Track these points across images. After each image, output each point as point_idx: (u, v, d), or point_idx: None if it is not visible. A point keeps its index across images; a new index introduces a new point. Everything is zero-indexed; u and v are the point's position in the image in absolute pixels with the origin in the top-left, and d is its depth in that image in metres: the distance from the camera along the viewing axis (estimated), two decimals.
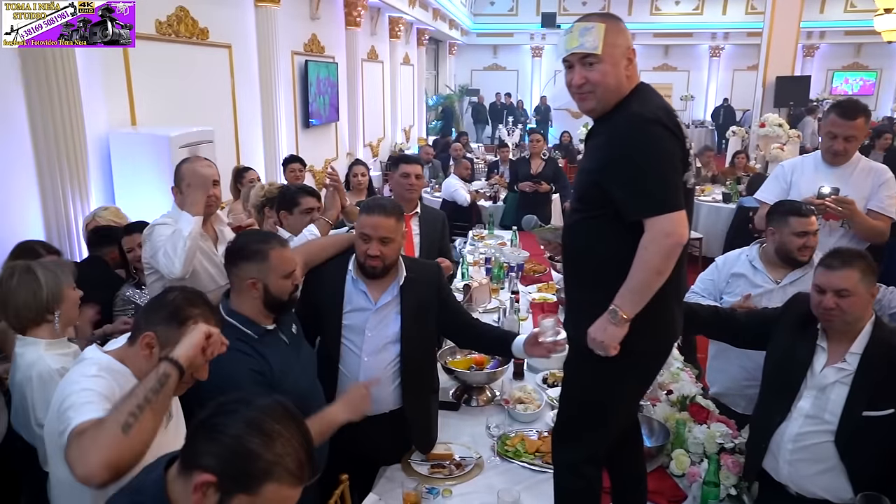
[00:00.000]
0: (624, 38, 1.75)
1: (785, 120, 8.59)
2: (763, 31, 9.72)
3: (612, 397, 1.83)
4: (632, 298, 1.68)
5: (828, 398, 1.96)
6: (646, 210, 1.66)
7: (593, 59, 1.72)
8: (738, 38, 17.81)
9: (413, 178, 3.46)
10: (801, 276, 2.63)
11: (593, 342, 1.72)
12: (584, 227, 1.81)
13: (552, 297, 4.07)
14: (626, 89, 1.75)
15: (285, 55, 6.71)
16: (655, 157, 1.66)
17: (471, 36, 18.68)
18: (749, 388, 2.68)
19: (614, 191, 1.70)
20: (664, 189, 1.66)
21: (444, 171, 8.81)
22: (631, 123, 1.69)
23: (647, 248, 1.65)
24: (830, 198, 2.85)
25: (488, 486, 2.21)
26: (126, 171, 3.99)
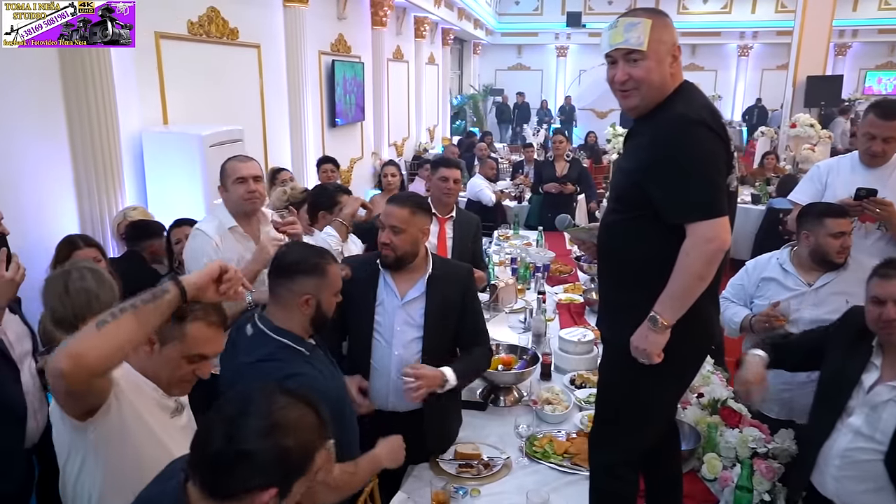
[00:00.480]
0: (670, 35, 1.71)
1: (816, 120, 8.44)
2: (794, 29, 9.55)
3: (649, 401, 1.82)
4: (672, 305, 1.67)
5: (880, 417, 1.90)
6: (688, 214, 1.63)
7: (638, 55, 1.69)
8: (768, 37, 17.52)
9: (451, 183, 3.49)
10: (834, 278, 2.58)
11: (636, 350, 1.71)
12: (622, 228, 1.79)
13: (579, 297, 4.06)
14: (669, 88, 1.72)
15: (312, 55, 6.76)
16: (699, 159, 1.63)
17: (495, 35, 18.63)
18: (784, 393, 2.64)
19: (655, 193, 1.67)
20: (707, 193, 1.63)
21: (469, 170, 8.80)
22: (675, 124, 1.66)
23: (689, 254, 1.63)
24: (868, 199, 2.79)
25: (517, 487, 2.21)
26: (158, 169, 4.05)
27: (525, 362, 2.88)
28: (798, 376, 2.57)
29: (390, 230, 2.34)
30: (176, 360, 1.60)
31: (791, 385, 2.61)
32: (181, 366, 1.61)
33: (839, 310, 2.51)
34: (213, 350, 1.66)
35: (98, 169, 3.51)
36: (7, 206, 3.11)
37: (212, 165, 3.96)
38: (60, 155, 3.48)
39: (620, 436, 1.86)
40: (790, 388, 2.61)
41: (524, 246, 5.30)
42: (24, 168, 3.26)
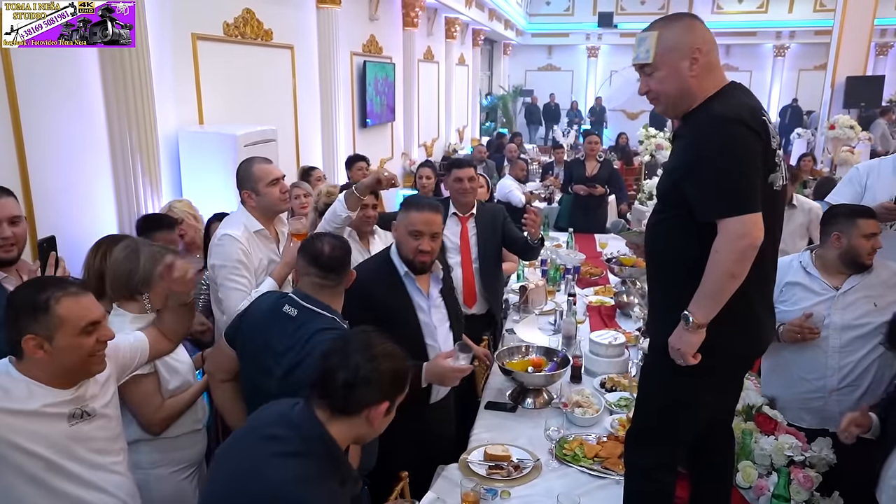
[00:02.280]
0: (686, 39, 1.70)
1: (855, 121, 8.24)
2: (833, 28, 9.34)
3: (687, 405, 1.80)
4: (704, 303, 1.65)
5: None
6: (718, 211, 1.62)
7: (649, 68, 1.74)
8: (805, 37, 17.13)
9: (466, 182, 3.48)
10: (860, 281, 2.50)
11: (673, 351, 1.71)
12: (664, 228, 1.80)
13: (609, 300, 4.02)
14: (699, 90, 1.72)
15: (344, 56, 6.81)
16: (731, 156, 1.62)
17: (525, 36, 18.56)
18: (815, 402, 2.57)
19: (689, 191, 1.68)
20: (738, 190, 1.62)
21: (499, 171, 8.78)
22: (709, 123, 1.66)
23: (719, 251, 1.62)
24: None
25: (547, 490, 2.20)
26: (194, 167, 4.11)
27: (555, 364, 2.86)
28: (829, 384, 2.52)
29: (430, 238, 2.41)
30: (73, 341, 1.63)
31: (823, 393, 2.54)
32: (81, 343, 1.64)
33: (868, 313, 2.47)
34: (96, 314, 1.69)
35: (136, 167, 3.58)
36: (48, 205, 3.21)
37: None
38: (100, 154, 3.56)
39: (657, 438, 1.85)
40: (822, 395, 2.54)
41: (554, 247, 5.26)
42: (64, 167, 3.34)
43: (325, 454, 1.48)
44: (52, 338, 1.61)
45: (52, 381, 1.66)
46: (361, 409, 1.49)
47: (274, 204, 2.74)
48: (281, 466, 1.42)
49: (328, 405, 1.49)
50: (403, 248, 2.44)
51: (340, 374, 1.48)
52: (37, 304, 1.60)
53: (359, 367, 1.48)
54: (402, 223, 2.44)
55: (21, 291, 1.70)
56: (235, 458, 1.51)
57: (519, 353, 2.98)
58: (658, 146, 5.97)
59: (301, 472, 1.42)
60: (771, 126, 1.70)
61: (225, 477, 1.50)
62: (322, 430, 1.48)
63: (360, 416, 1.50)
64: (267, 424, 1.53)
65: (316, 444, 1.47)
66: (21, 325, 1.61)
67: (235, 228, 2.69)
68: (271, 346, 2.04)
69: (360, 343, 1.54)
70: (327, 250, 2.07)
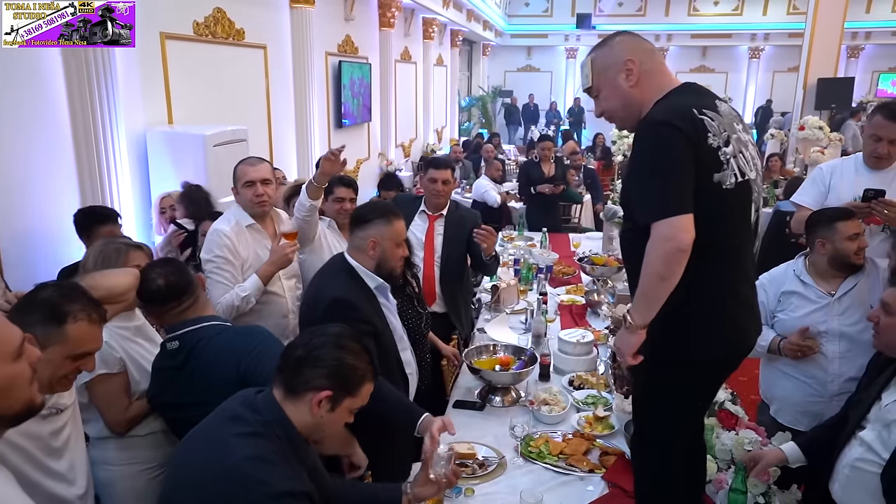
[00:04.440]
0: (615, 56, 1.76)
1: (826, 123, 8.36)
2: (805, 31, 9.48)
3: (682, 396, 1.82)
4: (638, 305, 1.67)
5: (890, 434, 1.87)
6: (648, 215, 1.61)
7: (593, 91, 1.82)
8: (779, 39, 17.41)
9: (440, 184, 3.47)
10: (855, 284, 2.52)
11: (616, 350, 1.76)
12: (629, 236, 1.81)
13: (580, 299, 4.04)
14: (641, 99, 1.74)
15: (319, 56, 6.79)
16: (657, 160, 1.62)
17: (505, 37, 18.63)
18: (813, 406, 2.57)
19: (627, 198, 1.76)
20: (664, 192, 1.60)
21: (476, 172, 8.80)
22: (641, 129, 1.71)
23: (649, 254, 1.61)
24: (877, 200, 2.75)
25: (511, 487, 2.20)
26: (162, 168, 4.08)
27: (523, 363, 2.87)
28: (829, 389, 2.54)
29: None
30: (58, 360, 1.55)
31: (822, 398, 2.56)
32: (64, 365, 1.57)
33: (865, 316, 2.47)
34: (96, 346, 1.64)
35: (101, 167, 3.54)
36: (11, 203, 3.16)
37: (215, 165, 4.01)
38: (64, 153, 3.52)
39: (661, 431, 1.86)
40: (822, 400, 2.56)
41: (528, 247, 5.29)
42: (27, 166, 3.30)
43: (284, 436, 1.51)
44: (46, 349, 1.51)
45: None
46: (306, 390, 1.52)
47: (245, 205, 2.85)
48: (241, 445, 1.46)
49: (283, 382, 1.54)
50: (390, 259, 2.38)
51: (298, 351, 1.54)
52: (57, 312, 1.54)
53: (315, 348, 1.53)
54: (385, 234, 2.36)
55: (52, 290, 1.61)
56: (200, 438, 1.54)
57: (487, 351, 2.99)
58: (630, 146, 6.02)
59: (259, 452, 1.46)
60: (714, 123, 1.64)
61: (189, 455, 1.54)
62: (280, 412, 1.52)
63: (304, 400, 1.52)
64: (232, 407, 1.56)
65: (274, 427, 1.50)
66: (28, 319, 1.52)
67: (225, 223, 2.83)
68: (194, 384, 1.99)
69: (333, 332, 1.59)
70: (163, 283, 2.02)
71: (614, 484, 2.22)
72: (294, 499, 1.47)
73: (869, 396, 2.00)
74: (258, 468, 1.43)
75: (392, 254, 2.37)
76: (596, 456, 2.38)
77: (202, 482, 1.45)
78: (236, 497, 1.41)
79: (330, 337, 1.57)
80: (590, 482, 2.25)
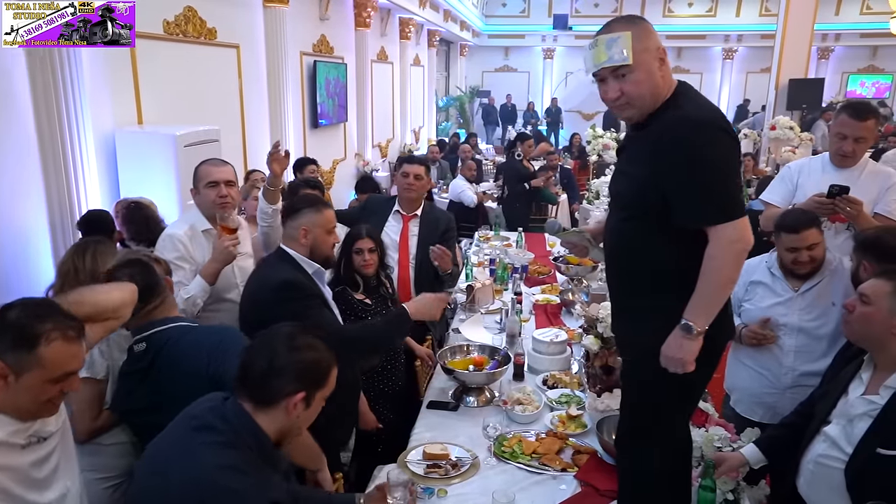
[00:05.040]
0: (653, 40, 1.68)
1: (797, 123, 8.49)
2: (776, 33, 9.62)
3: (689, 392, 1.85)
4: (705, 311, 1.66)
5: (853, 428, 1.90)
6: (712, 218, 1.63)
7: (625, 69, 1.66)
8: (752, 41, 17.67)
9: (411, 178, 3.45)
10: (818, 282, 2.56)
11: (668, 360, 1.70)
12: (636, 234, 1.77)
13: (555, 298, 4.05)
14: (663, 91, 1.69)
15: (294, 56, 6.73)
16: (720, 163, 1.63)
17: (482, 37, 18.66)
18: (768, 397, 2.65)
19: (675, 199, 1.66)
20: (729, 195, 1.64)
21: (453, 172, 8.80)
22: (690, 128, 1.63)
23: (716, 258, 1.63)
24: (841, 197, 2.79)
25: (484, 487, 2.19)
26: (132, 168, 4.01)
27: (497, 363, 2.87)
28: (783, 381, 2.61)
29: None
30: (38, 386, 1.45)
31: (776, 390, 2.63)
32: (46, 389, 1.47)
33: (826, 314, 2.52)
34: (78, 364, 1.53)
35: (68, 168, 3.47)
36: None
37: (187, 165, 3.93)
38: (29, 154, 3.44)
39: (660, 430, 1.86)
40: (776, 392, 2.63)
41: (504, 247, 5.30)
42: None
43: (256, 446, 1.51)
44: (21, 375, 1.43)
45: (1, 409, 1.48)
46: (280, 399, 1.52)
47: (207, 205, 2.76)
48: (211, 455, 1.44)
49: (249, 396, 1.53)
50: (322, 246, 2.45)
51: (258, 364, 1.52)
52: (26, 335, 1.42)
53: (275, 357, 1.52)
54: (315, 222, 2.43)
55: (19, 310, 1.46)
56: (167, 448, 1.50)
57: (461, 352, 2.99)
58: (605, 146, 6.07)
59: (231, 462, 1.45)
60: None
61: (156, 464, 1.49)
62: (252, 423, 1.51)
63: (279, 407, 1.53)
64: (199, 416, 1.53)
65: (246, 437, 1.50)
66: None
67: (179, 228, 2.75)
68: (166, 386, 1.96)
69: (283, 335, 1.57)
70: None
71: (587, 483, 2.23)
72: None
73: (836, 390, 2.03)
74: (230, 478, 1.43)
75: (323, 240, 2.45)
76: (569, 455, 2.39)
77: (171, 491, 1.42)
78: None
79: (282, 342, 1.55)
80: (562, 481, 2.26)
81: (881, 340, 1.88)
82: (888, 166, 3.24)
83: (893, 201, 2.89)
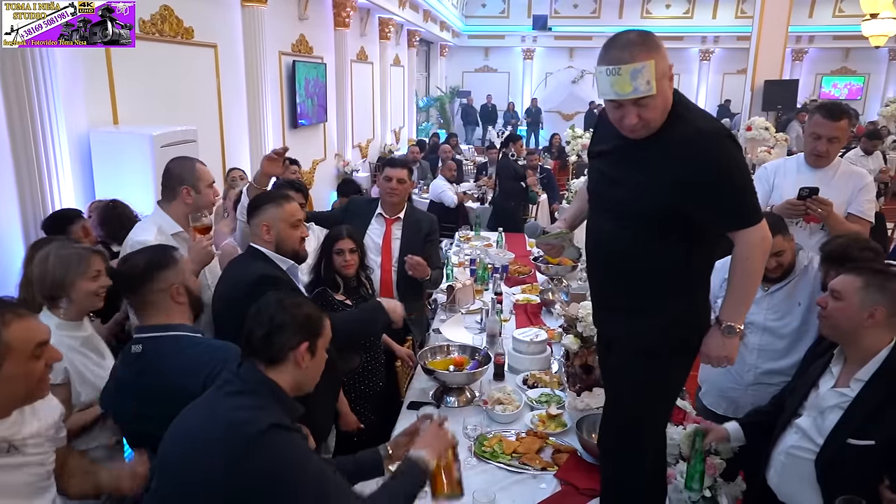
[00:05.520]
0: (667, 62, 1.66)
1: (772, 123, 8.62)
2: (752, 35, 9.76)
3: (675, 388, 1.96)
4: (741, 309, 1.80)
5: (824, 420, 1.94)
6: (743, 223, 1.72)
7: (648, 99, 1.63)
8: (728, 42, 17.91)
9: (394, 183, 3.43)
10: (788, 282, 2.59)
11: (712, 359, 1.82)
12: (639, 240, 1.79)
13: (535, 298, 4.07)
14: (669, 105, 1.71)
15: (272, 55, 6.69)
16: (741, 170, 1.71)
17: (462, 38, 18.68)
18: (731, 392, 2.72)
19: (704, 208, 1.71)
20: (752, 201, 1.73)
21: (433, 172, 8.80)
22: (716, 141, 1.67)
23: (749, 258, 1.74)
24: (811, 198, 2.84)
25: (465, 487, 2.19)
26: (107, 169, 3.96)
27: (477, 363, 2.88)
28: (745, 378, 2.67)
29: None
30: (20, 368, 1.47)
31: (739, 385, 2.69)
32: (29, 369, 1.49)
33: (790, 312, 2.56)
34: (44, 334, 1.56)
35: (41, 168, 3.41)
36: None
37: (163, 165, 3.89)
38: (2, 155, 3.37)
39: (650, 430, 1.92)
40: (738, 388, 2.70)
41: (484, 247, 5.31)
42: None
43: (270, 394, 1.59)
44: (1, 367, 1.43)
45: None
46: (286, 353, 1.62)
47: (205, 205, 2.72)
48: (229, 399, 1.56)
49: (258, 358, 1.62)
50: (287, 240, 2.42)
51: (259, 329, 1.61)
52: None
53: (273, 318, 1.62)
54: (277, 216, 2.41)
55: None
56: (192, 408, 1.61)
57: (441, 352, 2.99)
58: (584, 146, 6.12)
59: (246, 402, 1.54)
60: None
61: (182, 418, 1.60)
62: (267, 379, 1.61)
63: (288, 361, 1.62)
64: (220, 377, 1.65)
65: (261, 387, 1.59)
66: None
67: (146, 233, 2.58)
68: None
69: (273, 301, 1.67)
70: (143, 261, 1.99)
71: (566, 481, 2.24)
72: (282, 429, 1.51)
73: (806, 384, 2.06)
74: (245, 413, 1.51)
75: (288, 234, 2.42)
76: (549, 454, 2.40)
77: (193, 431, 1.54)
78: (227, 437, 1.47)
79: (274, 306, 1.65)
80: (542, 480, 2.27)
81: (853, 334, 1.93)
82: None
83: (866, 202, 2.95)
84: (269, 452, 1.46)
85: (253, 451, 1.45)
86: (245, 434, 1.46)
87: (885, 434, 1.81)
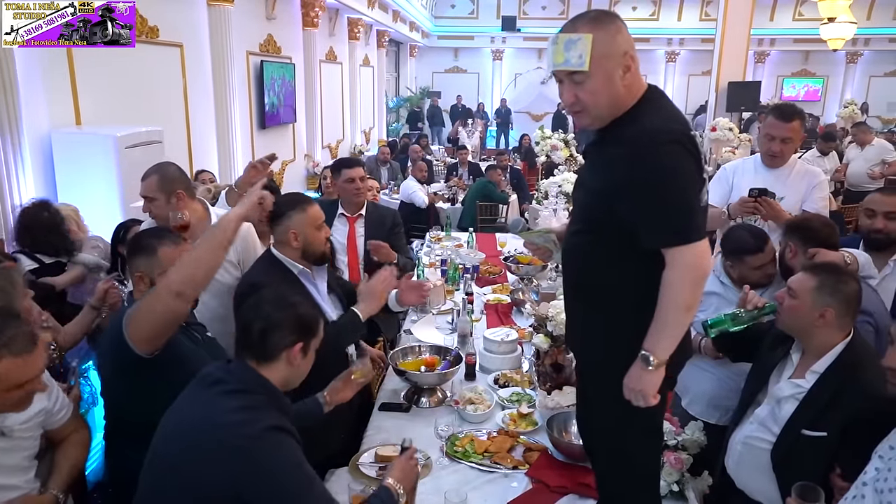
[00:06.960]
0: (618, 45, 1.54)
1: (736, 124, 8.80)
2: (715, 37, 9.95)
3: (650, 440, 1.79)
4: (664, 341, 1.54)
5: (780, 410, 1.98)
6: (669, 241, 1.51)
7: (581, 76, 1.53)
8: (693, 44, 18.23)
9: (358, 182, 3.44)
10: (771, 284, 2.60)
11: (631, 392, 1.58)
12: (593, 249, 1.67)
13: (506, 298, 4.10)
14: (628, 100, 1.58)
15: (240, 55, 6.62)
16: (678, 182, 1.49)
17: (432, 38, 18.70)
18: (727, 400, 2.64)
19: (630, 217, 1.55)
20: (688, 217, 1.50)
21: (403, 173, 8.79)
22: (648, 143, 1.50)
23: (673, 285, 1.50)
24: (760, 198, 2.92)
25: (436, 488, 2.20)
26: (70, 170, 3.88)
27: (448, 363, 2.89)
28: (731, 383, 2.62)
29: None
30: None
31: (728, 391, 2.64)
32: (9, 396, 1.53)
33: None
34: (34, 371, 1.57)
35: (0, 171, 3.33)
36: None
37: (129, 168, 3.84)
38: None
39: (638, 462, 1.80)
40: (729, 393, 2.63)
41: (455, 247, 5.32)
42: None
43: (264, 392, 1.61)
44: None
45: None
46: (280, 352, 1.64)
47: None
48: (225, 400, 1.56)
49: (251, 355, 1.64)
50: (314, 244, 2.46)
51: (256, 324, 1.63)
52: None
53: (270, 315, 1.64)
54: (303, 222, 2.44)
55: None
56: (185, 407, 1.61)
57: (413, 353, 2.99)
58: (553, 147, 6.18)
59: (242, 403, 1.55)
60: (699, 139, 1.65)
61: (175, 414, 1.60)
62: (258, 376, 1.63)
63: (280, 360, 1.65)
64: (209, 375, 1.64)
65: (256, 386, 1.61)
66: None
67: None
68: None
69: (271, 297, 1.69)
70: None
71: (538, 479, 2.26)
72: (279, 431, 1.54)
73: (764, 371, 2.11)
74: (241, 415, 1.53)
75: (314, 238, 2.47)
76: (520, 452, 2.42)
77: (189, 432, 1.53)
78: (225, 440, 1.48)
79: (271, 303, 1.67)
80: (514, 479, 2.28)
81: (806, 331, 1.99)
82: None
83: (819, 199, 3.05)
84: (266, 455, 1.49)
85: (251, 453, 1.48)
86: (243, 437, 1.48)
87: (837, 425, 1.87)
